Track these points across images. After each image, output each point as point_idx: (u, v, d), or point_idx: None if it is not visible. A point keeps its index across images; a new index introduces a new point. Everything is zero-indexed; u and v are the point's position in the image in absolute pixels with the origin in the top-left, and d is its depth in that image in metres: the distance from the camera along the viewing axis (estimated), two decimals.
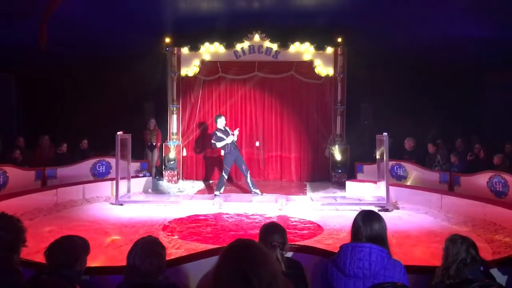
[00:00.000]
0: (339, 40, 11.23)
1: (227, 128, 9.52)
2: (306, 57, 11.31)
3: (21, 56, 10.87)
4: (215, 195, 9.17)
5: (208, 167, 11.88)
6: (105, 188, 9.62)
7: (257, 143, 11.02)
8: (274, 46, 11.28)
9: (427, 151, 10.37)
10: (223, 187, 9.42)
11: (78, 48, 10.88)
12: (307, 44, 11.22)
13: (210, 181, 11.52)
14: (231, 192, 10.14)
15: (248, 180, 9.43)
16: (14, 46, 10.04)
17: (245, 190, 10.03)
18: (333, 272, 2.58)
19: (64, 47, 10.44)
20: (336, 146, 11.23)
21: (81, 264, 2.68)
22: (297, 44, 11.24)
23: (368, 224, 2.60)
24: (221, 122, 9.46)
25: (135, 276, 2.42)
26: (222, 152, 9.53)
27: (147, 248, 2.48)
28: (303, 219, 7.79)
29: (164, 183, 11.14)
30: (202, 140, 11.86)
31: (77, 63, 11.51)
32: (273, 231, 2.89)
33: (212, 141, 9.46)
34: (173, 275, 3.17)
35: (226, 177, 9.48)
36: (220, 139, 9.32)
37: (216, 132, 9.45)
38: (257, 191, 9.37)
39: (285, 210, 8.42)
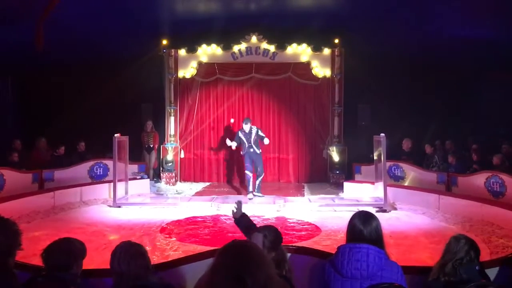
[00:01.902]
0: (336, 41, 11.24)
1: (253, 131, 9.41)
2: (303, 58, 11.32)
3: (18, 58, 10.84)
4: (254, 195, 9.34)
5: (206, 169, 11.87)
6: (103, 190, 9.59)
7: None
8: (271, 48, 11.29)
9: (424, 152, 10.39)
10: (250, 185, 9.45)
11: (75, 50, 10.85)
12: (304, 45, 11.24)
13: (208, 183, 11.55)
14: (229, 193, 10.15)
15: (257, 181, 9.44)
16: (11, 48, 10.00)
17: (243, 192, 10.04)
18: (330, 273, 2.58)
19: (61, 49, 10.42)
20: (334, 147, 11.24)
21: (78, 267, 2.67)
22: (294, 45, 11.25)
23: (365, 225, 2.60)
24: (245, 126, 9.43)
25: (125, 281, 2.40)
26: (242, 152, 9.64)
27: (129, 251, 2.47)
28: (301, 220, 7.79)
29: (162, 185, 11.12)
30: (200, 141, 11.86)
31: (74, 65, 11.49)
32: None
33: None
34: (171, 277, 3.16)
35: (249, 174, 9.49)
36: (236, 140, 9.47)
37: (239, 132, 9.57)
38: (259, 194, 9.35)
39: (283, 212, 8.42)
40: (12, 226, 2.55)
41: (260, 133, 9.49)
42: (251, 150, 9.41)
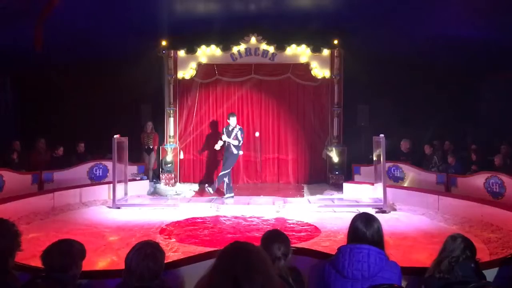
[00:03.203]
0: (335, 42, 11.25)
1: (235, 131, 9.31)
2: (303, 59, 11.32)
3: (17, 58, 10.84)
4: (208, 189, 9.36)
5: (205, 169, 11.87)
6: (102, 191, 9.57)
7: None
8: (271, 49, 11.29)
9: (423, 152, 10.39)
10: (227, 191, 9.47)
11: (75, 50, 10.85)
12: (303, 46, 11.24)
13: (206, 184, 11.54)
14: None
15: (218, 177, 9.50)
16: (10, 48, 10.01)
17: (243, 193, 10.05)
18: (331, 274, 2.58)
19: (60, 49, 10.42)
20: (333, 148, 11.25)
21: (77, 268, 2.66)
22: (293, 46, 11.25)
23: (367, 227, 2.61)
24: (231, 121, 9.40)
25: (131, 279, 2.40)
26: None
27: (144, 251, 2.47)
28: (301, 221, 7.79)
29: (161, 186, 11.11)
30: (199, 142, 11.86)
31: (73, 65, 11.48)
32: (274, 240, 2.70)
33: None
34: (170, 278, 3.16)
35: (224, 179, 9.43)
36: (222, 136, 9.44)
37: (224, 129, 9.56)
38: (210, 190, 9.34)
39: (283, 213, 8.42)
40: (12, 227, 2.56)
41: (238, 135, 9.31)
42: (230, 149, 9.33)
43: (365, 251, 2.50)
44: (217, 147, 9.47)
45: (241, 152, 9.52)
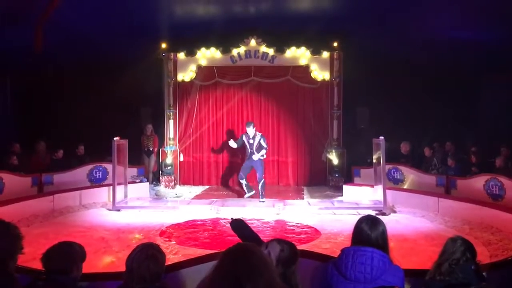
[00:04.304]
0: (335, 44, 11.26)
1: (257, 138, 9.38)
2: (302, 61, 11.33)
3: (17, 60, 10.84)
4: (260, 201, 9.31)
5: (205, 172, 11.87)
6: (102, 194, 9.57)
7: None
8: (270, 51, 11.30)
9: (423, 155, 10.39)
10: (247, 190, 9.63)
11: (74, 53, 10.86)
12: (303, 48, 11.25)
13: (207, 187, 11.54)
14: (228, 197, 10.14)
15: (259, 187, 9.41)
16: (10, 49, 10.01)
17: (242, 195, 10.03)
18: (333, 275, 2.57)
19: (60, 52, 10.43)
20: (333, 150, 11.25)
21: (77, 270, 2.66)
22: (293, 48, 11.26)
23: (372, 230, 2.61)
24: (249, 130, 9.46)
25: (132, 281, 2.40)
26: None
27: (145, 252, 2.47)
28: (301, 224, 7.79)
29: (161, 189, 11.11)
30: (199, 145, 11.86)
31: (73, 68, 11.49)
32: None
33: None
34: (170, 281, 3.16)
35: (241, 181, 9.62)
36: (239, 142, 9.58)
37: (243, 135, 9.63)
38: (262, 199, 9.31)
39: (283, 215, 8.42)
40: (14, 230, 2.56)
41: (262, 142, 9.39)
42: (253, 156, 9.38)
43: (368, 253, 2.49)
44: (232, 143, 9.63)
45: (265, 156, 9.59)
